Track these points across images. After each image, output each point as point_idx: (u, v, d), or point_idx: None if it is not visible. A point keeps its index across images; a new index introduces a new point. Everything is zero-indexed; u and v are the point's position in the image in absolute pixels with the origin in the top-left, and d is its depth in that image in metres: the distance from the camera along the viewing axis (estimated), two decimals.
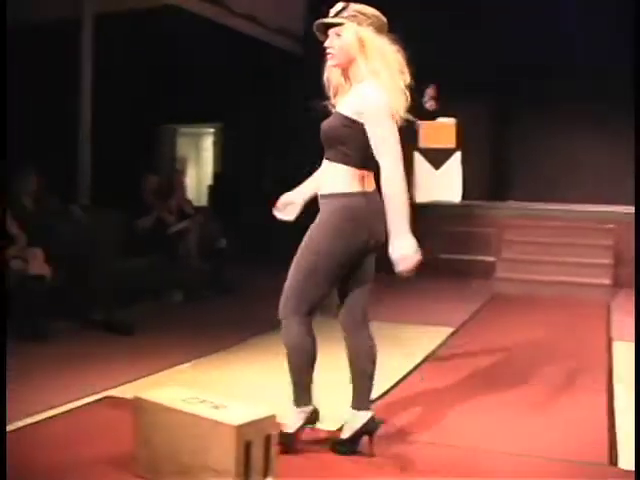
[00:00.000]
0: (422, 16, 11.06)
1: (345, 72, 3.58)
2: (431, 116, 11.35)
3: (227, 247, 8.58)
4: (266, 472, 3.13)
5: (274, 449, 3.15)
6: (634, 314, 6.36)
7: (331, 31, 3.52)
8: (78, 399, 4.45)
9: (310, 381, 3.79)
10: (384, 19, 3.56)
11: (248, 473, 3.04)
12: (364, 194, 3.49)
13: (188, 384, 4.42)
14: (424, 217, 10.64)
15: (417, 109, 11.64)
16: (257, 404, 3.32)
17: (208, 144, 14.37)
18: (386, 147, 3.39)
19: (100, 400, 4.47)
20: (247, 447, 3.02)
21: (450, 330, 6.75)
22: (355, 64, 3.50)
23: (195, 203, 9.54)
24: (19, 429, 3.95)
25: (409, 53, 3.53)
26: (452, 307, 7.88)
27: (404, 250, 3.43)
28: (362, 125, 3.42)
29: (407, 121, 10.37)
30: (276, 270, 9.94)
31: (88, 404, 4.39)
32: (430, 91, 11.35)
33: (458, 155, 11.37)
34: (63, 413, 4.23)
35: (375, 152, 3.41)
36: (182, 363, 5.42)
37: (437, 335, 6.51)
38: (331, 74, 3.63)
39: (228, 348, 5.94)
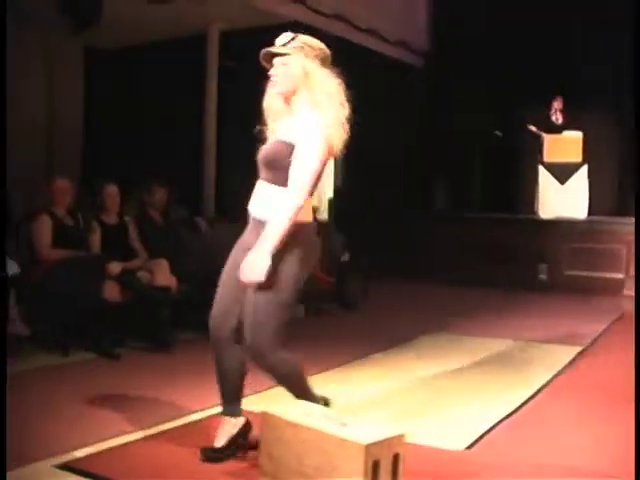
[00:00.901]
0: (548, 30, 10.87)
1: (287, 100, 3.59)
2: (557, 129, 11.11)
3: (350, 261, 8.59)
4: None
5: (402, 468, 3.09)
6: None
7: (277, 60, 3.55)
8: (203, 410, 4.49)
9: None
10: (329, 52, 3.60)
11: None
12: (310, 223, 3.56)
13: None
14: (549, 233, 10.45)
15: (543, 122, 11.49)
16: (384, 422, 3.25)
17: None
18: (300, 180, 3.39)
19: None
20: (375, 466, 2.97)
21: (578, 349, 6.53)
22: (298, 94, 3.54)
23: (317, 216, 9.56)
24: (145, 438, 4.04)
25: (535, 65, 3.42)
26: (579, 325, 7.64)
27: (256, 264, 3.35)
28: None
29: (532, 134, 10.12)
30: (400, 286, 9.93)
31: (212, 416, 4.42)
32: (556, 104, 11.12)
33: (584, 169, 11.08)
34: (188, 424, 4.28)
35: (290, 176, 3.41)
36: None
37: (564, 354, 6.31)
38: (272, 101, 3.64)
39: (350, 363, 5.90)
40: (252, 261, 3.34)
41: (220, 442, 3.68)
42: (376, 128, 11.31)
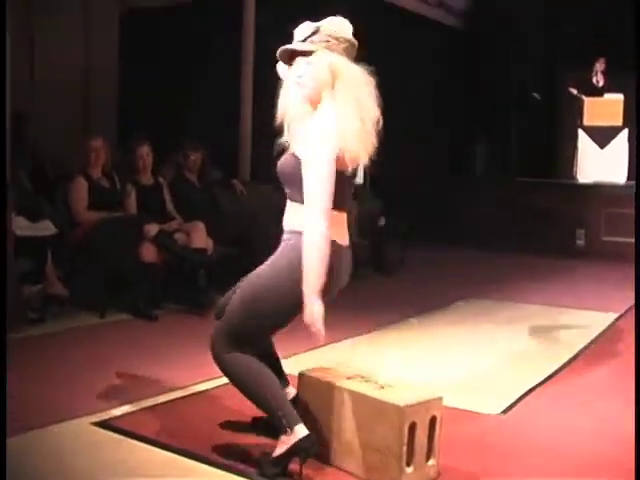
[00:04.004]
0: None
1: (313, 105, 3.14)
2: (598, 92, 10.94)
3: (387, 226, 8.55)
4: (429, 454, 3.08)
5: (439, 431, 3.09)
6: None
7: (300, 58, 3.15)
8: None
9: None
10: (356, 42, 3.17)
11: (411, 454, 3.00)
12: (334, 245, 3.05)
13: (344, 361, 4.40)
14: (587, 198, 10.32)
15: (584, 84, 11.30)
16: (422, 385, 3.24)
17: None
18: (312, 200, 2.98)
19: None
20: (412, 428, 2.97)
21: (614, 316, 6.47)
22: (324, 97, 3.10)
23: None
24: (182, 398, 4.09)
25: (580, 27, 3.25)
26: (616, 292, 7.55)
27: (309, 312, 3.00)
28: None
29: (573, 97, 9.92)
30: (437, 251, 9.85)
31: None
32: (598, 65, 10.93)
33: (625, 133, 10.92)
34: (223, 385, 4.29)
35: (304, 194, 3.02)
36: (338, 340, 5.40)
37: (600, 321, 6.26)
38: (297, 106, 3.19)
39: (385, 327, 5.88)
40: (307, 311, 3.01)
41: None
42: (414, 92, 11.22)
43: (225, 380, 4.19)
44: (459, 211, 10.66)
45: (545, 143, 11.79)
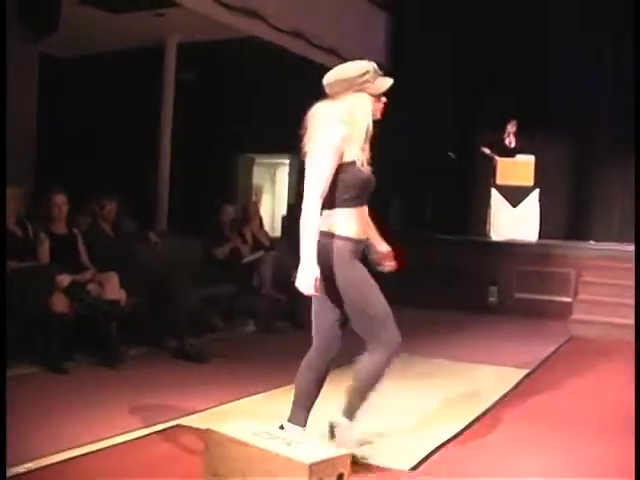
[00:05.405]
0: (504, 52, 11.04)
1: None
2: (510, 152, 11.24)
3: None
4: None
5: None
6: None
7: None
8: (148, 426, 4.45)
9: None
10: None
11: None
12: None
13: (258, 416, 4.39)
14: (500, 255, 10.53)
15: (496, 145, 11.56)
16: (328, 441, 3.25)
17: (283, 174, 14.43)
18: None
19: (171, 428, 4.46)
20: None
21: (524, 372, 6.58)
22: None
23: (270, 233, 9.55)
24: (88, 454, 3.98)
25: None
26: (527, 348, 7.70)
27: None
28: None
29: (485, 157, 10.30)
30: None
31: (158, 432, 4.38)
32: (510, 127, 11.25)
33: (536, 193, 11.23)
34: (133, 440, 4.23)
35: None
36: (252, 394, 5.38)
37: (510, 377, 6.35)
38: None
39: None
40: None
41: None
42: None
43: (129, 436, 4.15)
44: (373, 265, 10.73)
45: (459, 201, 12.04)
